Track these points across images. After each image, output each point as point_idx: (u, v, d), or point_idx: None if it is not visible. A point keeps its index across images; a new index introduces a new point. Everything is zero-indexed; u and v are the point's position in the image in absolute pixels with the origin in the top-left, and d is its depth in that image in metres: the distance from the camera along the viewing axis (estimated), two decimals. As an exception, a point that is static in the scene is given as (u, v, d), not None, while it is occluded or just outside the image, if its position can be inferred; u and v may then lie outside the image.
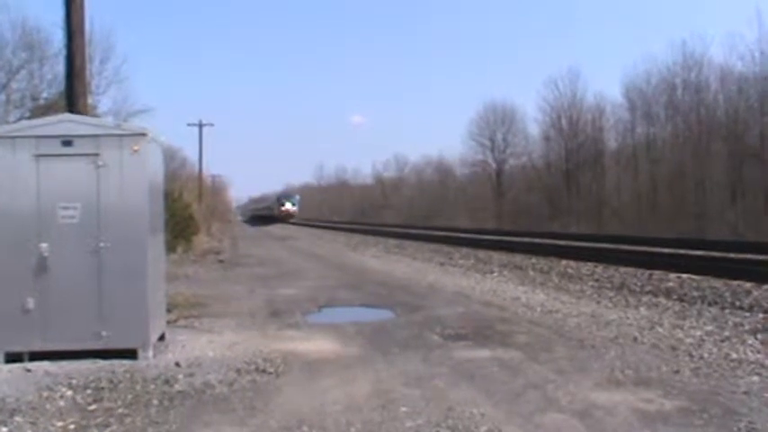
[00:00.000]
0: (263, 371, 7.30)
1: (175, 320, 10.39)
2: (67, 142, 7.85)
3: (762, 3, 63.02)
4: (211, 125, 61.89)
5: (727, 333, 8.97)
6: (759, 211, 37.50)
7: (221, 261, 24.63)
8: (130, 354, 7.76)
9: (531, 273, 17.35)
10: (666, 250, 19.17)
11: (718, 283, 12.52)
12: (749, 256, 16.45)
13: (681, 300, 11.68)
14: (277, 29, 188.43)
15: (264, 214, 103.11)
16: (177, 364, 7.56)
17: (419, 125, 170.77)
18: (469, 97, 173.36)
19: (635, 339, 8.71)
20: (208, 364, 7.64)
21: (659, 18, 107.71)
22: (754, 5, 52.84)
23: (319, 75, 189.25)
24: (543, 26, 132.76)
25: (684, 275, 13.72)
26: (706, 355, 7.71)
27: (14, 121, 22.56)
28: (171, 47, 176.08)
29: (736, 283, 12.29)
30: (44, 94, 29.58)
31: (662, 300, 11.83)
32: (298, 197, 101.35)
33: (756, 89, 42.66)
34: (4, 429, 5.51)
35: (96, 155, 7.84)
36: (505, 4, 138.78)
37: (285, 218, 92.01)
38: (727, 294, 11.52)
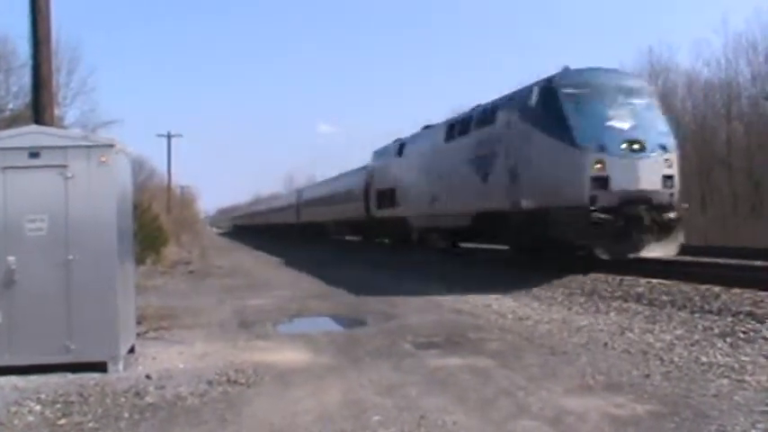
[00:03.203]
0: (235, 382, 7.25)
1: (145, 332, 10.29)
2: (34, 154, 7.76)
3: (728, 10, 64.16)
4: (180, 136, 61.22)
5: (696, 337, 9.05)
6: (727, 217, 37.95)
7: (191, 272, 24.46)
8: (100, 367, 7.67)
9: (503, 280, 17.35)
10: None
11: (687, 287, 12.58)
12: (718, 260, 16.62)
13: (651, 304, 11.75)
14: (245, 37, 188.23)
15: (352, 220, 37.56)
16: (148, 377, 7.49)
17: (390, 134, 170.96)
18: (440, 105, 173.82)
19: (606, 345, 8.77)
20: (179, 375, 7.58)
21: (626, 25, 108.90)
22: (720, 13, 53.72)
23: (287, 84, 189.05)
24: (516, 33, 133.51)
25: (654, 280, 13.76)
26: (676, 359, 7.78)
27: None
28: (139, 57, 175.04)
29: (705, 287, 12.35)
30: (10, 106, 29.24)
31: (632, 305, 11.90)
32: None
33: (722, 95, 43.25)
34: (-29, 446, 5.44)
35: (64, 166, 7.76)
36: (478, 13, 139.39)
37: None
38: (696, 298, 11.60)
